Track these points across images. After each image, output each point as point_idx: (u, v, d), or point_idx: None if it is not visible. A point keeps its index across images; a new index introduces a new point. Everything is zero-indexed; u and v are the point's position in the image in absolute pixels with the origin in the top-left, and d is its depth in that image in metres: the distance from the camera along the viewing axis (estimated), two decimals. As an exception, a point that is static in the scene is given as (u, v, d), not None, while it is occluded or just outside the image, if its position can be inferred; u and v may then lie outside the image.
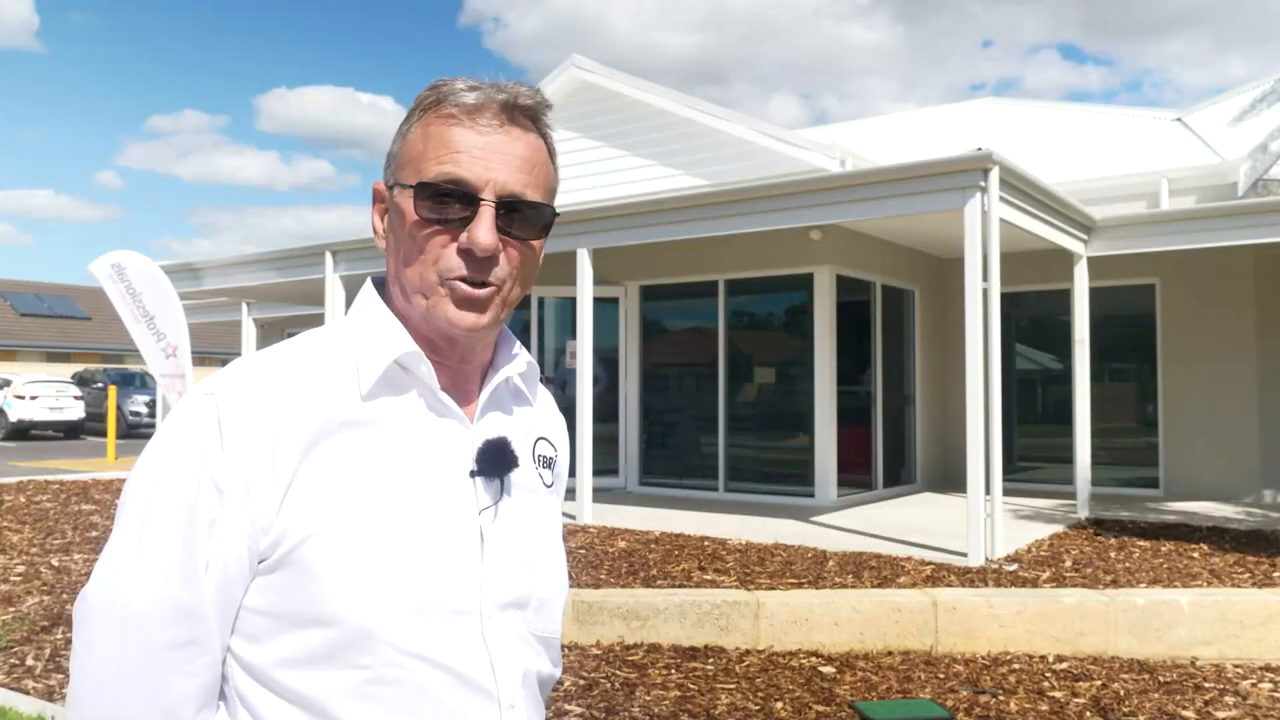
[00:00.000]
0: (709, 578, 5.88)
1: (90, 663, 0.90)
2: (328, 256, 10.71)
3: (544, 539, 1.09)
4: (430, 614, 0.95)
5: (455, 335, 1.01)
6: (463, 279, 0.98)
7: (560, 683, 4.45)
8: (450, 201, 0.97)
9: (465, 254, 0.98)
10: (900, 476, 10.81)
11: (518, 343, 1.14)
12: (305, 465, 0.93)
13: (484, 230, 0.96)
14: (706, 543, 7.12)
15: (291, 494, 0.92)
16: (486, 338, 1.06)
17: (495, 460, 1.03)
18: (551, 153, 1.06)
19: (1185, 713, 4.17)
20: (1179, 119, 13.06)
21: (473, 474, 1.02)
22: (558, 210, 1.07)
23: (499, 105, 1.00)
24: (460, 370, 1.06)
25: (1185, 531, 7.69)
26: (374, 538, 0.93)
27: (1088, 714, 4.13)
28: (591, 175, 11.77)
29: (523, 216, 1.00)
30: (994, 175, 6.66)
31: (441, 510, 0.99)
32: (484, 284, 0.99)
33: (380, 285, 1.08)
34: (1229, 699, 4.35)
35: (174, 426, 0.94)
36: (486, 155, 0.98)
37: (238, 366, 0.98)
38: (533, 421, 1.14)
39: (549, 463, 1.15)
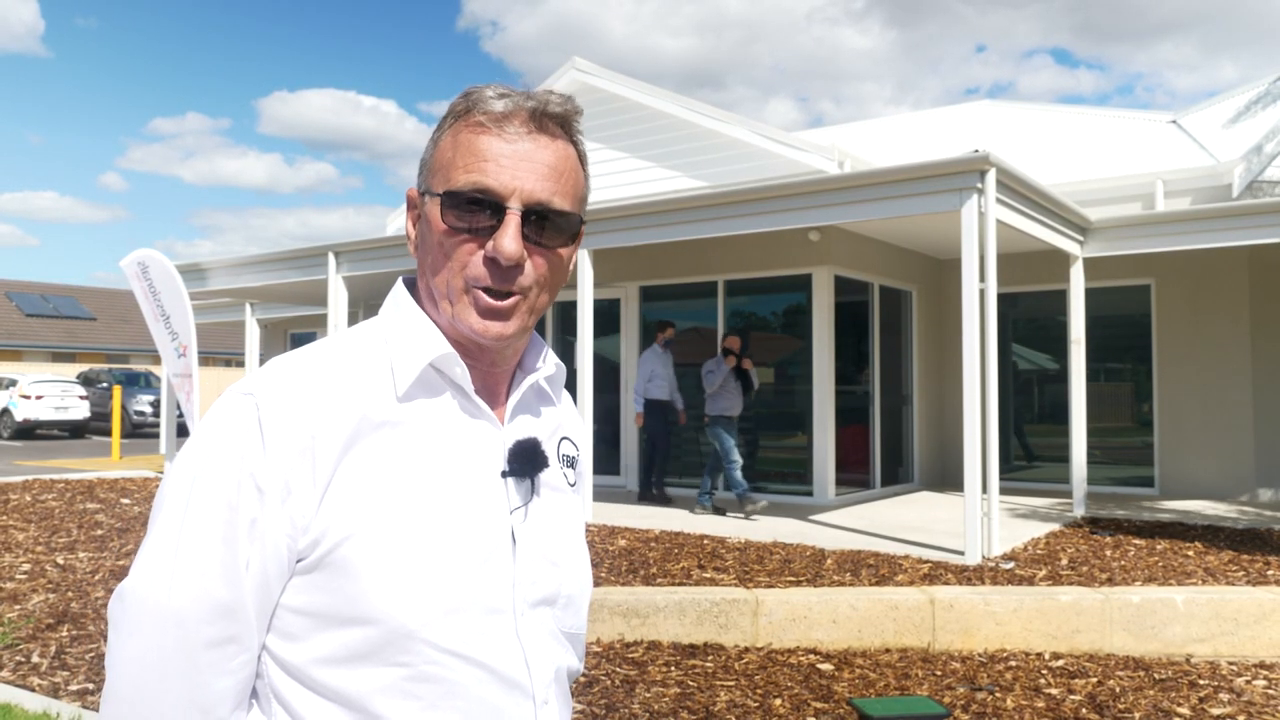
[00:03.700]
0: (708, 576, 5.92)
1: (128, 660, 0.90)
2: (330, 257, 10.75)
3: (570, 537, 1.10)
4: (467, 613, 0.96)
5: (482, 344, 1.02)
6: (488, 288, 0.98)
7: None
8: (477, 210, 0.97)
9: (491, 262, 0.97)
10: (898, 475, 10.86)
11: (546, 346, 1.14)
12: (344, 465, 0.94)
13: (509, 239, 0.96)
14: (706, 541, 7.17)
15: (330, 493, 0.93)
16: (514, 345, 1.06)
17: (527, 461, 1.04)
18: (582, 159, 1.05)
19: (1180, 709, 4.21)
20: (1174, 121, 13.10)
21: (504, 474, 1.03)
22: (584, 217, 1.05)
23: (527, 113, 0.99)
24: (490, 373, 1.07)
25: (1180, 530, 7.74)
26: (412, 538, 0.94)
27: (1084, 711, 4.17)
28: (591, 176, 11.79)
29: (551, 225, 0.99)
30: (991, 177, 6.69)
31: (476, 510, 0.99)
32: (508, 293, 0.99)
33: (410, 285, 1.08)
34: (1223, 696, 4.40)
35: (213, 426, 0.94)
36: (514, 164, 0.97)
37: (275, 366, 0.98)
38: (557, 421, 1.15)
39: (572, 462, 1.16)
